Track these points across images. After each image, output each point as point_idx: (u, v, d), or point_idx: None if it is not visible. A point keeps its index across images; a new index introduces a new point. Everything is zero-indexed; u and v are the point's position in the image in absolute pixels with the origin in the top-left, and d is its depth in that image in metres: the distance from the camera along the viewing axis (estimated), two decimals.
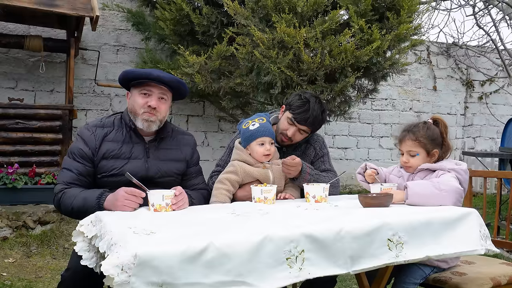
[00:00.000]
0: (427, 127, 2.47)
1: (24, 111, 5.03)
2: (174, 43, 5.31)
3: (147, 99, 2.39)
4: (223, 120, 6.81)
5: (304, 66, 4.53)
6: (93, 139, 2.37)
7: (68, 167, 2.36)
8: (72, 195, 2.27)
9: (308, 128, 2.69)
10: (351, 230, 1.81)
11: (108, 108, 6.34)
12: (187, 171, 2.57)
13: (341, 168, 7.11)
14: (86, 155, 2.35)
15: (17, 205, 4.71)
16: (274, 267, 1.64)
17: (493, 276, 2.38)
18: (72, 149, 2.39)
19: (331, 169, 2.87)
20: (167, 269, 1.48)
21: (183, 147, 2.56)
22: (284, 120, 2.71)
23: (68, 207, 2.27)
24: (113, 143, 2.39)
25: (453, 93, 8.58)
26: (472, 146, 8.69)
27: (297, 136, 2.71)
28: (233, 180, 2.51)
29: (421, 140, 2.43)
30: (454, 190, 2.24)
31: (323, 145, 2.90)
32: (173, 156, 2.50)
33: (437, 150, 2.46)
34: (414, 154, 2.45)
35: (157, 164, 2.43)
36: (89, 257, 1.98)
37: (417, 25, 5.06)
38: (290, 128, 2.68)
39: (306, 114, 2.64)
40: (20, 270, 3.95)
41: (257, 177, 2.52)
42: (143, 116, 2.38)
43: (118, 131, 2.43)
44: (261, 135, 2.51)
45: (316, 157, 2.86)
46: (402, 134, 2.51)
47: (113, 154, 2.37)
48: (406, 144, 2.47)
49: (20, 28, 5.82)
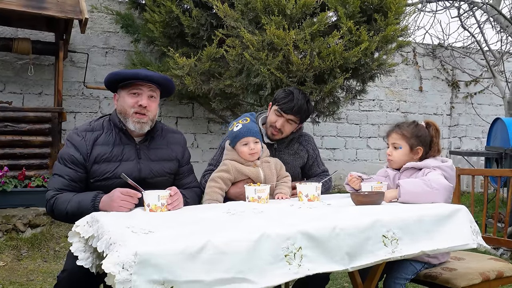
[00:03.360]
0: (414, 125, 2.59)
1: (13, 114, 5.00)
2: (164, 45, 5.32)
3: (137, 99, 2.39)
4: (213, 122, 6.83)
5: (293, 68, 4.57)
6: (83, 145, 2.35)
7: (59, 173, 2.34)
8: (65, 200, 2.26)
9: (295, 117, 2.80)
10: (345, 227, 1.85)
11: (97, 111, 6.33)
12: (179, 170, 2.58)
13: (330, 168, 7.15)
14: (77, 160, 2.33)
15: (7, 208, 4.68)
16: (274, 264, 1.67)
17: (482, 271, 2.43)
18: (63, 155, 2.36)
19: (325, 169, 3.02)
20: (168, 266, 1.50)
21: (174, 146, 2.56)
22: (272, 113, 2.84)
23: (62, 212, 2.26)
24: (103, 147, 2.38)
25: (439, 93, 8.70)
26: (458, 145, 8.81)
27: (287, 127, 2.82)
28: (226, 178, 2.55)
29: (405, 134, 2.55)
30: (444, 188, 2.30)
31: (315, 146, 3.02)
32: (164, 155, 2.50)
33: (421, 148, 2.54)
34: (398, 147, 2.56)
35: (149, 165, 2.43)
36: (85, 258, 1.99)
37: (404, 27, 5.13)
38: (278, 120, 2.80)
39: (291, 103, 2.77)
40: (11, 274, 3.93)
41: (249, 175, 2.57)
42: (133, 118, 2.38)
43: (108, 134, 2.42)
44: (243, 135, 2.57)
45: (310, 159, 2.97)
46: (390, 128, 2.65)
47: (104, 158, 2.36)
48: (392, 137, 2.59)
49: (8, 31, 5.80)
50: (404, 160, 2.55)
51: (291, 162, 2.88)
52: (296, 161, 2.92)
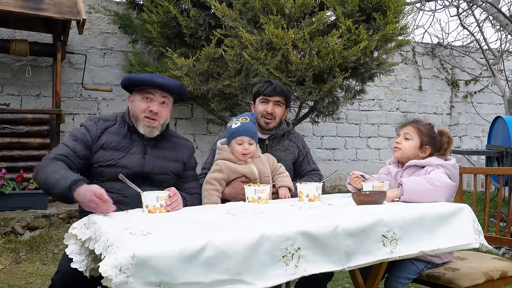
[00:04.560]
0: (431, 126, 2.60)
1: (10, 116, 4.98)
2: (162, 45, 5.30)
3: (148, 104, 2.43)
4: (212, 123, 6.80)
5: (292, 67, 4.55)
6: (94, 128, 2.42)
7: (66, 143, 2.39)
8: (54, 170, 2.22)
9: (280, 97, 2.92)
10: (347, 227, 1.82)
11: (96, 112, 6.30)
12: (184, 174, 2.59)
13: (330, 169, 7.14)
14: (86, 139, 2.38)
15: (5, 211, 4.65)
16: (271, 265, 1.65)
17: (486, 271, 2.41)
18: (74, 132, 2.43)
19: (315, 168, 3.03)
20: (165, 269, 1.47)
21: (181, 148, 2.60)
22: (258, 105, 2.95)
23: (43, 176, 2.23)
24: (113, 135, 2.43)
25: (439, 92, 8.68)
26: (458, 145, 8.78)
27: (277, 109, 2.92)
28: (220, 179, 2.55)
29: (421, 129, 2.55)
30: (447, 186, 2.28)
31: (305, 143, 3.08)
32: (170, 156, 2.53)
33: (430, 148, 2.52)
34: (409, 138, 2.56)
35: (154, 161, 2.45)
36: (80, 260, 1.97)
37: (403, 26, 5.12)
38: (267, 106, 2.90)
39: (271, 86, 2.91)
40: (10, 277, 3.90)
41: (243, 172, 2.57)
42: (144, 122, 2.43)
43: (120, 126, 2.48)
44: (240, 134, 2.59)
45: (300, 155, 3.00)
46: (407, 121, 2.66)
47: (112, 146, 2.40)
48: (407, 128, 2.59)
49: (5, 32, 5.77)
50: (410, 152, 2.54)
51: (283, 157, 2.90)
52: (287, 157, 2.94)
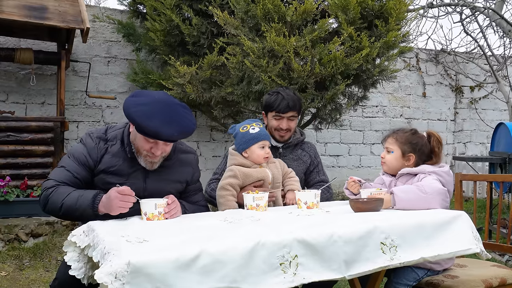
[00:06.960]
0: (411, 132, 2.61)
1: (15, 124, 5.01)
2: (165, 53, 5.33)
3: (151, 145, 2.27)
4: (215, 130, 6.83)
5: (294, 75, 4.56)
6: (95, 152, 2.32)
7: (66, 166, 2.30)
8: (65, 192, 2.19)
9: (294, 112, 2.89)
10: (343, 234, 1.83)
11: (100, 120, 6.34)
12: (186, 189, 2.52)
13: (333, 175, 7.13)
14: (87, 162, 2.31)
15: (9, 218, 4.68)
16: (268, 273, 1.65)
17: (485, 278, 2.40)
18: (74, 152, 2.33)
19: (325, 179, 3.04)
20: (161, 276, 1.48)
21: (184, 168, 2.48)
22: (272, 120, 2.92)
23: (57, 203, 2.19)
24: (114, 158, 2.33)
25: (443, 99, 8.66)
26: (462, 151, 8.75)
27: (291, 124, 2.92)
28: (235, 184, 2.56)
29: (398, 139, 2.58)
30: (438, 192, 2.29)
31: (317, 153, 3.09)
32: (173, 177, 2.43)
33: (413, 155, 2.54)
34: (390, 151, 2.61)
35: (156, 185, 2.36)
36: (78, 268, 1.98)
37: (405, 33, 5.12)
38: (281, 122, 2.89)
39: (284, 102, 2.86)
40: (13, 284, 3.92)
41: (258, 177, 2.59)
42: (145, 158, 2.31)
43: (120, 148, 2.36)
44: (263, 138, 2.63)
45: (312, 165, 3.03)
46: (388, 133, 2.70)
47: (112, 170, 2.32)
48: (387, 141, 2.64)
49: (11, 41, 5.82)
50: (395, 164, 2.58)
51: (295, 167, 2.90)
52: (299, 167, 2.96)
